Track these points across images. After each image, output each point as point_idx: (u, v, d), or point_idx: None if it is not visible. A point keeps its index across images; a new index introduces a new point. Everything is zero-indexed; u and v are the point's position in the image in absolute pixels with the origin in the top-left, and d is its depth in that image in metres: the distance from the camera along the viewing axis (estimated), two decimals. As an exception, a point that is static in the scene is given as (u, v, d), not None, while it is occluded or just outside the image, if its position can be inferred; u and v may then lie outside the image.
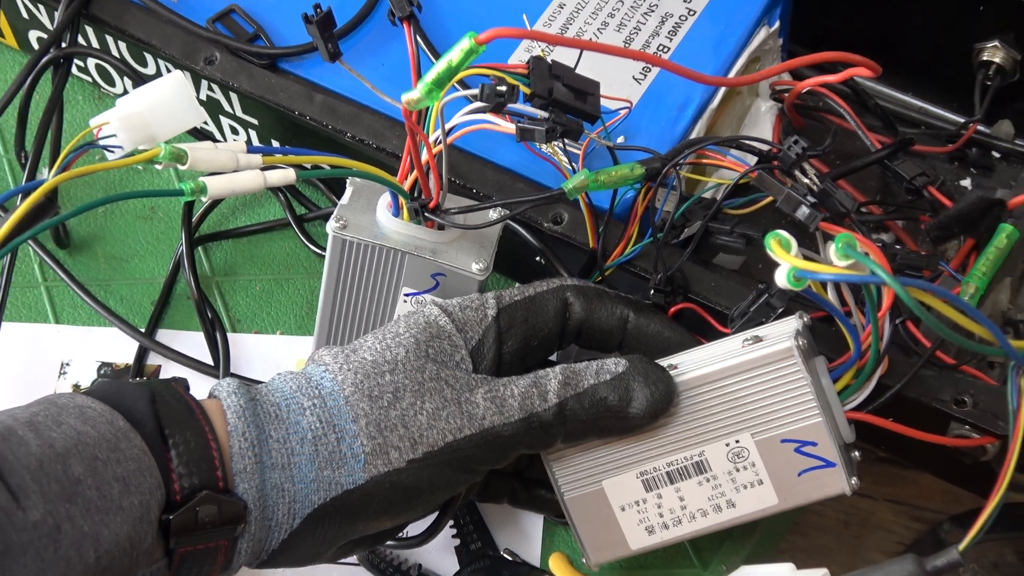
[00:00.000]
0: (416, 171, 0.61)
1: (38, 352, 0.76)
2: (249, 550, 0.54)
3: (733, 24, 0.73)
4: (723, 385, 0.58)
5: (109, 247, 0.80)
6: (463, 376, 0.56)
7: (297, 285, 0.78)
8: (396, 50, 0.73)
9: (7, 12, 0.81)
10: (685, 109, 0.70)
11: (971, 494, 0.70)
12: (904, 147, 0.68)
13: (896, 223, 0.70)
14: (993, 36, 0.75)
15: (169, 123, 0.60)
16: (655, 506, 0.61)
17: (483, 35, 0.55)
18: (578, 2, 0.74)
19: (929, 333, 0.59)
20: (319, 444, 0.54)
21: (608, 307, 0.60)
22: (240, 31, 0.75)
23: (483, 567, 0.68)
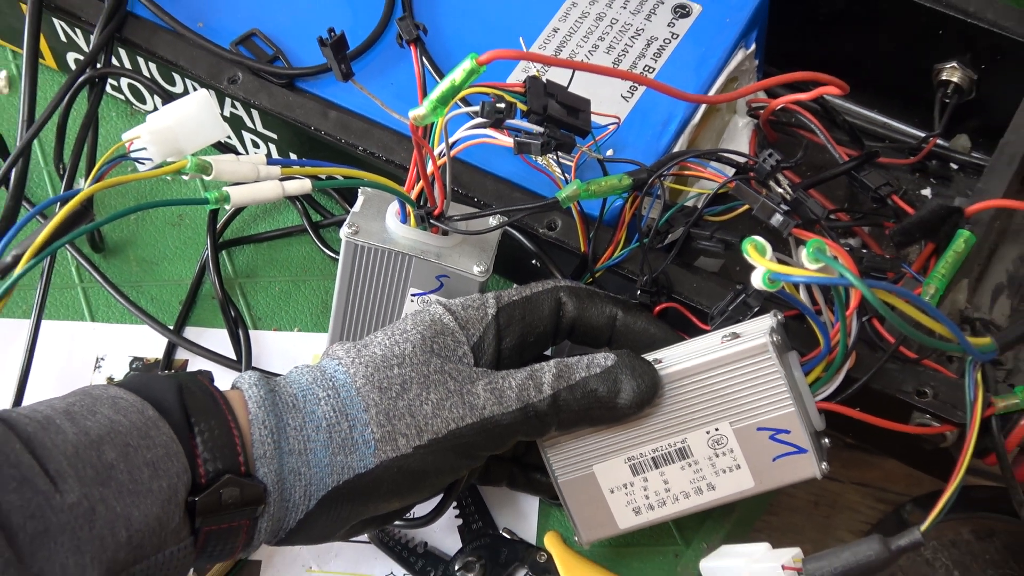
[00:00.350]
0: (422, 181, 0.60)
1: (75, 348, 0.76)
2: (268, 529, 0.54)
3: (712, 47, 0.73)
4: (704, 378, 0.57)
5: (140, 251, 0.79)
6: (465, 369, 0.56)
7: (313, 286, 0.78)
8: (404, 70, 0.73)
9: (47, 35, 0.80)
10: (669, 124, 0.70)
11: (931, 478, 0.70)
12: (870, 159, 0.68)
13: (862, 229, 0.70)
14: (951, 57, 0.75)
15: (195, 137, 0.60)
16: (641, 489, 0.61)
17: (483, 56, 0.55)
18: (571, 27, 0.74)
19: (893, 330, 0.59)
20: (333, 431, 0.54)
21: (598, 306, 0.60)
22: (260, 53, 0.74)
23: (484, 545, 0.68)
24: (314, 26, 0.69)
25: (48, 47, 0.82)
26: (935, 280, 0.60)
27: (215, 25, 0.76)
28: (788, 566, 0.56)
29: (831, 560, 0.56)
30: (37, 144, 0.82)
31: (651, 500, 0.61)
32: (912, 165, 0.76)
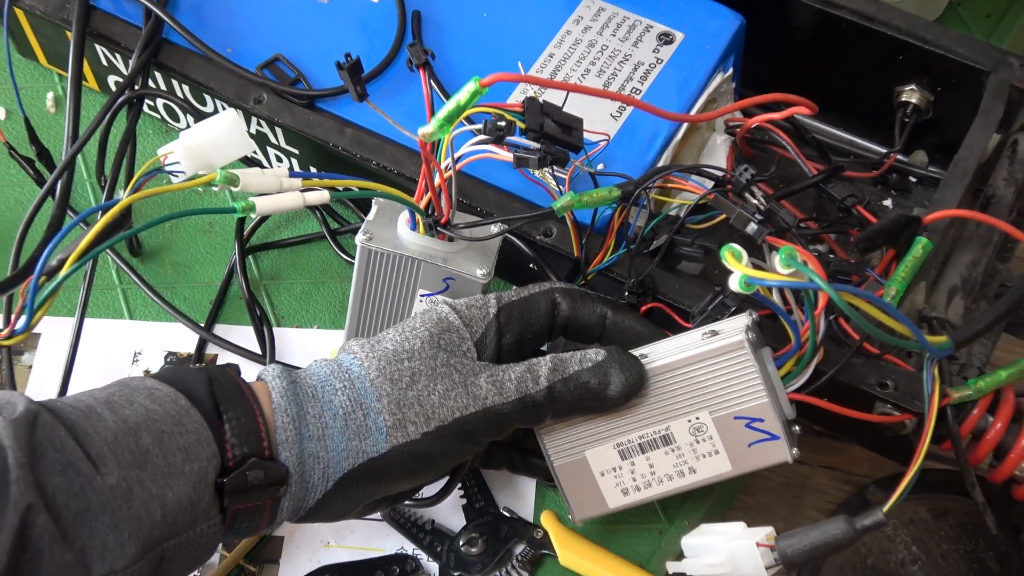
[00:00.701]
0: (430, 192, 0.60)
1: (115, 343, 0.76)
2: (290, 507, 0.54)
3: (693, 71, 0.73)
4: (686, 371, 0.57)
5: (174, 255, 0.79)
6: (469, 363, 0.56)
7: (331, 287, 0.78)
8: (413, 92, 0.72)
9: (90, 60, 0.80)
10: (654, 141, 0.70)
11: (892, 462, 0.70)
12: (836, 173, 0.68)
13: (830, 236, 0.70)
14: (910, 81, 0.75)
15: (224, 152, 0.61)
16: (629, 472, 0.60)
17: (486, 79, 0.55)
18: (565, 52, 0.74)
19: (858, 328, 0.59)
20: (349, 419, 0.54)
21: (590, 306, 0.60)
22: (284, 76, 0.74)
23: (485, 522, 0.68)
24: (332, 51, 0.70)
25: (91, 70, 0.82)
26: (896, 283, 0.60)
27: (242, 51, 0.76)
28: (762, 543, 0.56)
29: (801, 538, 0.56)
30: (81, 158, 0.82)
31: (638, 482, 0.61)
32: (875, 178, 0.76)
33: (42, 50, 0.85)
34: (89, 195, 0.82)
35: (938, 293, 0.66)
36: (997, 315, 0.60)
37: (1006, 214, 0.68)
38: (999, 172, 0.70)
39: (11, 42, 0.82)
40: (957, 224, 0.68)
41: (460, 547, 0.67)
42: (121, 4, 0.78)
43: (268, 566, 0.68)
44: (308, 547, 0.68)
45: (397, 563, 0.67)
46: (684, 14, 0.74)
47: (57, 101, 0.86)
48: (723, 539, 0.57)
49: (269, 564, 0.68)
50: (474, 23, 0.76)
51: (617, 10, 0.75)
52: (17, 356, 0.75)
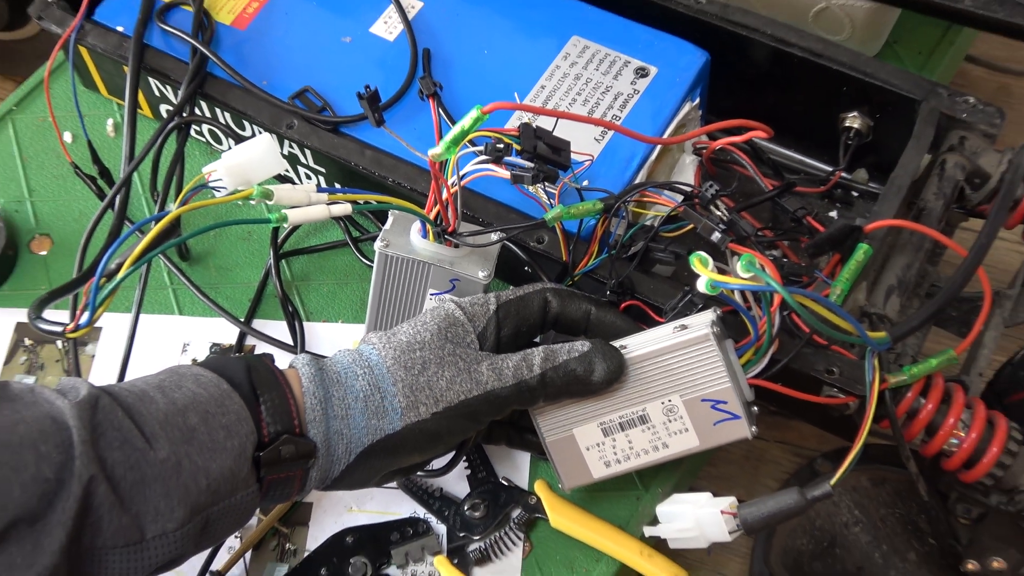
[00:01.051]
0: (439, 205, 0.60)
1: (166, 336, 0.76)
2: (317, 477, 0.54)
3: (665, 100, 0.72)
4: (659, 360, 0.57)
5: (218, 260, 0.79)
6: (472, 353, 0.56)
7: (353, 287, 0.77)
8: (424, 118, 0.72)
9: (144, 91, 0.80)
10: (631, 161, 0.70)
11: (837, 437, 0.70)
12: (788, 188, 0.68)
13: (783, 243, 0.69)
14: (853, 108, 0.74)
15: (260, 171, 0.61)
16: (611, 447, 0.60)
17: (487, 107, 0.55)
18: (555, 84, 0.73)
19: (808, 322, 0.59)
20: (368, 401, 0.54)
21: (576, 303, 0.59)
22: (312, 105, 0.74)
23: (487, 490, 0.67)
24: (354, 83, 0.69)
25: (145, 100, 0.82)
26: (841, 283, 0.60)
27: (276, 83, 0.75)
28: (726, 511, 0.56)
29: (759, 507, 0.55)
30: (136, 176, 0.82)
31: (618, 455, 0.61)
32: (822, 193, 0.75)
33: (103, 83, 0.85)
34: (144, 207, 0.81)
35: (877, 292, 0.65)
36: (929, 314, 0.60)
37: (935, 224, 0.68)
38: (929, 187, 0.70)
39: (76, 76, 0.81)
40: (893, 232, 0.68)
41: (465, 511, 0.67)
42: (171, 42, 0.78)
43: (299, 528, 0.68)
44: (333, 511, 0.68)
45: (411, 525, 0.66)
46: (657, 51, 0.74)
47: (116, 127, 0.85)
48: (692, 507, 0.57)
49: (300, 526, 0.68)
50: (476, 59, 0.75)
51: (599, 48, 0.75)
52: (82, 347, 0.75)
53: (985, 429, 0.62)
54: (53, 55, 0.82)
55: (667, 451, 0.60)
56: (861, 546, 0.76)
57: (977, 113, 0.70)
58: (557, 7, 0.77)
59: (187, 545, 0.49)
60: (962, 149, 0.71)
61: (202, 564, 0.65)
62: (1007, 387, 0.72)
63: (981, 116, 0.70)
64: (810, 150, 0.80)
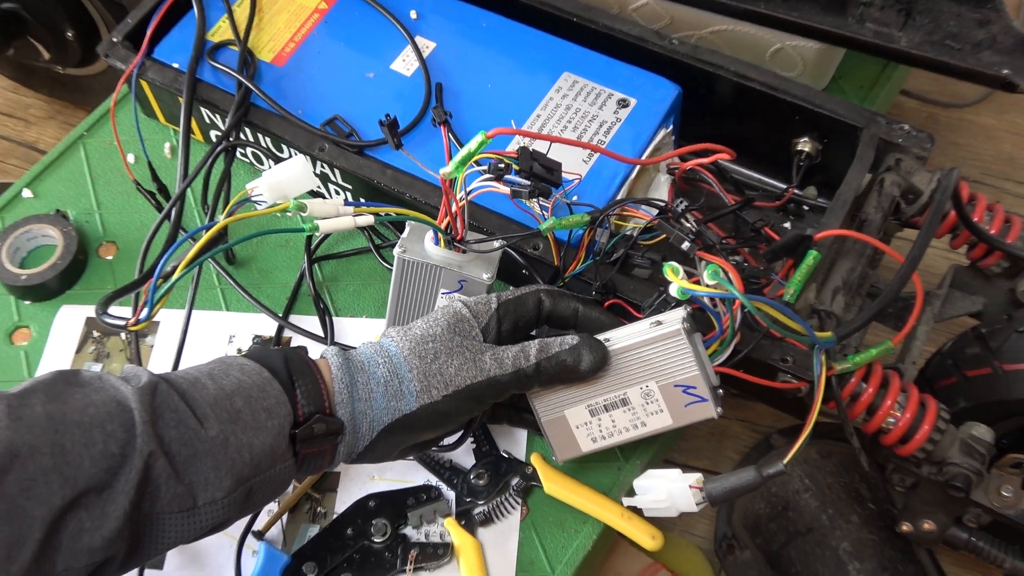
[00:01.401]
0: (449, 217, 0.60)
1: (215, 329, 0.75)
2: (344, 452, 0.54)
3: (643, 127, 0.72)
4: (638, 351, 0.57)
5: (260, 264, 0.78)
6: (477, 344, 0.55)
7: (375, 287, 0.77)
8: (437, 142, 0.72)
9: (196, 119, 0.80)
10: (614, 179, 0.69)
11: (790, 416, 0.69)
12: (748, 203, 0.68)
13: (744, 249, 0.69)
14: (804, 134, 0.74)
15: (296, 187, 0.61)
16: (597, 425, 0.60)
17: (490, 133, 0.55)
18: (549, 113, 0.73)
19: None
20: (388, 386, 0.53)
21: (566, 302, 0.59)
22: (340, 131, 0.74)
23: (490, 462, 0.67)
24: (376, 113, 0.69)
25: (197, 126, 0.81)
26: (793, 284, 0.60)
27: (310, 112, 0.75)
28: (693, 485, 0.56)
29: (722, 482, 0.55)
30: (189, 191, 0.81)
31: (603, 433, 0.60)
32: (777, 207, 0.75)
33: (161, 111, 0.84)
34: (196, 218, 0.81)
35: (825, 291, 0.65)
36: (870, 315, 0.60)
37: (875, 233, 0.68)
38: (870, 202, 0.69)
39: (138, 106, 0.81)
40: (839, 240, 0.68)
41: (471, 480, 0.66)
42: (219, 77, 0.77)
43: (328, 494, 0.67)
44: (358, 480, 0.68)
45: (424, 492, 0.66)
46: (636, 85, 0.74)
47: (172, 149, 0.85)
48: (664, 482, 0.57)
49: (329, 492, 0.67)
50: (481, 92, 0.75)
51: (587, 82, 0.74)
52: (142, 338, 0.74)
53: (918, 410, 0.62)
54: (118, 88, 0.81)
55: (645, 429, 0.59)
56: (811, 510, 0.76)
57: (911, 139, 0.70)
58: (551, 47, 0.77)
59: (233, 511, 0.49)
60: (898, 169, 0.70)
61: (245, 525, 0.64)
62: (936, 374, 0.72)
63: (914, 141, 0.70)
64: (767, 170, 0.79)
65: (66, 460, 0.44)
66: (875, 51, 0.76)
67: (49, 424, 0.44)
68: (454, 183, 0.58)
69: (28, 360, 0.74)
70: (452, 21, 0.79)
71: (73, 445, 0.44)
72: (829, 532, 0.74)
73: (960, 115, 1.12)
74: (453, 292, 0.64)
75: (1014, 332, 0.66)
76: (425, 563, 0.63)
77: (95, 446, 0.45)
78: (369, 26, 0.79)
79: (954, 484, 0.62)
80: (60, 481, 0.43)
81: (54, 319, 0.76)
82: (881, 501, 0.76)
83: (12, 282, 0.76)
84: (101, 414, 0.46)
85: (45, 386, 0.46)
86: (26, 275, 0.76)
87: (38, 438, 0.44)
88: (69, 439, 0.44)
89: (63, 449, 0.44)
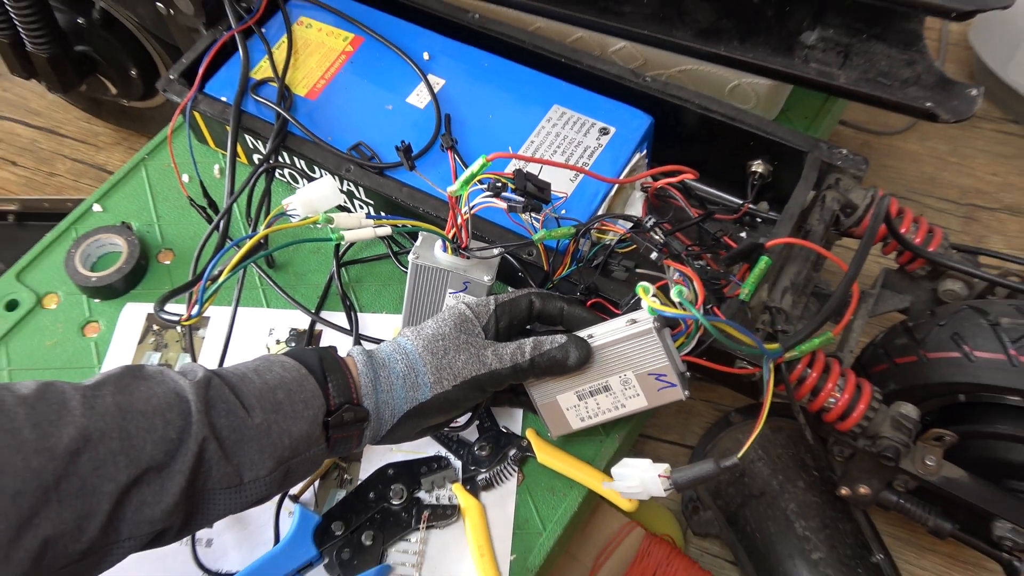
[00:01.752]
0: (455, 228, 0.60)
1: (257, 323, 0.75)
2: (369, 436, 0.54)
3: (621, 152, 0.72)
4: (617, 347, 0.57)
5: (295, 267, 0.78)
6: (480, 341, 0.55)
7: (393, 287, 0.77)
8: (445, 164, 0.72)
9: (242, 144, 0.80)
10: (596, 196, 0.69)
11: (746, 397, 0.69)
12: (710, 216, 0.68)
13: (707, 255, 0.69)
14: (758, 157, 0.74)
15: (326, 202, 0.60)
16: (584, 407, 0.60)
17: (490, 156, 0.55)
18: (540, 140, 0.73)
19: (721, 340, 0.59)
20: (406, 379, 0.53)
21: (553, 302, 0.59)
22: (363, 155, 0.74)
23: (491, 436, 0.67)
24: (394, 139, 0.69)
25: (242, 151, 0.81)
26: (748, 285, 0.59)
27: (337, 138, 0.75)
28: (662, 475, 0.55)
29: (686, 472, 0.55)
30: (236, 206, 0.81)
31: (589, 413, 0.60)
32: (735, 219, 0.75)
33: (211, 138, 0.84)
34: (240, 229, 0.81)
35: (776, 291, 0.65)
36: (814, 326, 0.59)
37: (818, 241, 0.68)
38: (814, 215, 0.69)
39: (191, 133, 0.81)
40: (788, 247, 0.68)
41: (475, 451, 0.66)
42: (261, 109, 0.77)
43: (353, 463, 0.67)
44: (379, 451, 0.67)
45: (435, 461, 0.66)
46: (615, 116, 0.74)
47: (220, 170, 0.85)
48: (637, 471, 0.57)
49: (354, 462, 0.67)
50: (483, 121, 0.75)
51: (573, 113, 0.74)
52: (195, 331, 0.74)
53: (855, 392, 0.62)
54: (174, 118, 0.81)
55: (624, 410, 0.59)
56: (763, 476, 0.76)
57: (848, 161, 0.70)
58: (542, 84, 0.77)
59: (273, 488, 0.49)
60: (837, 187, 0.70)
61: (283, 490, 0.64)
62: (870, 361, 0.72)
63: (851, 163, 0.70)
64: (726, 187, 0.79)
65: (131, 443, 0.44)
66: (818, 87, 0.76)
67: (118, 412, 0.44)
68: (459, 199, 0.58)
69: (97, 350, 0.74)
70: (459, 62, 0.79)
71: (137, 430, 0.44)
72: (779, 495, 0.74)
73: (890, 142, 1.12)
74: (459, 292, 0.64)
75: (936, 326, 0.66)
76: (436, 522, 0.63)
77: (156, 431, 0.45)
78: (388, 66, 0.79)
79: (885, 455, 0.62)
80: (126, 461, 0.43)
81: (120, 315, 0.75)
82: (823, 469, 0.76)
83: (84, 283, 0.75)
84: (162, 404, 0.46)
85: (115, 379, 0.47)
86: (96, 277, 0.76)
87: (108, 424, 0.44)
88: (134, 425, 0.44)
89: (128, 434, 0.44)
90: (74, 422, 0.43)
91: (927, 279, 0.72)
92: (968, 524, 0.66)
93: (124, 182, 0.84)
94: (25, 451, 0.41)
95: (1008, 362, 0.60)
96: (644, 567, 0.76)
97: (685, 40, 0.78)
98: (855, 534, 0.73)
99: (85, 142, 1.20)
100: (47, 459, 0.41)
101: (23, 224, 1.03)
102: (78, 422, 0.43)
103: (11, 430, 0.41)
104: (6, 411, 0.42)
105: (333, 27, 0.82)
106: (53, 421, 0.42)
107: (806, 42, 0.77)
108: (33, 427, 0.42)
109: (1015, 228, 1.02)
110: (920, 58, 0.74)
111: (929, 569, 0.81)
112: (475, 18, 0.81)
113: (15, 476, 0.40)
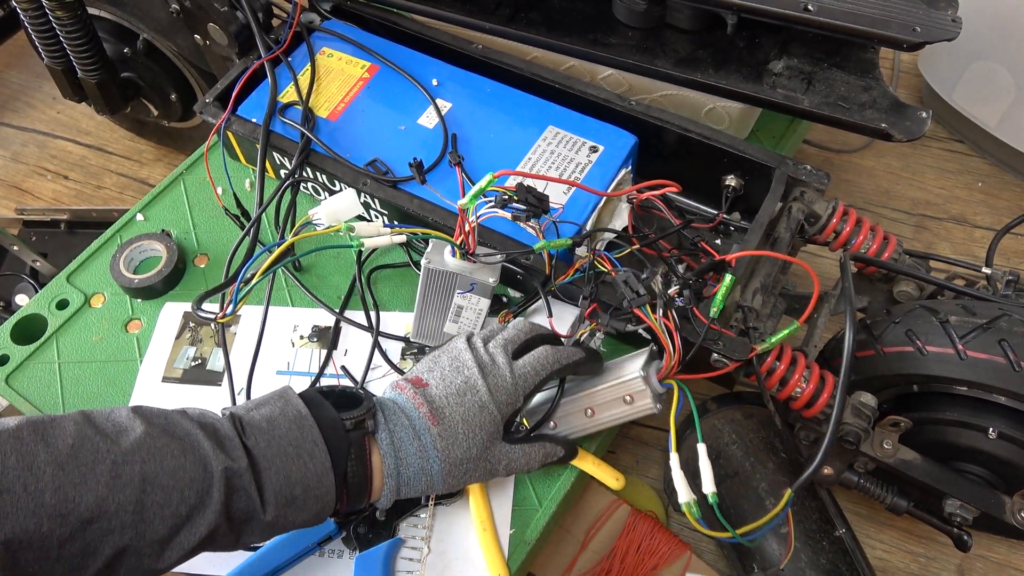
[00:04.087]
0: (463, 235, 0.60)
1: (284, 320, 0.75)
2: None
3: (609, 167, 0.72)
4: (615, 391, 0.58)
5: (320, 271, 0.78)
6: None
7: (407, 288, 0.76)
8: (452, 179, 0.71)
9: (270, 160, 0.79)
10: (587, 207, 0.69)
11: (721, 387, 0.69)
12: (688, 224, 0.68)
13: (687, 258, 0.69)
14: (731, 172, 0.74)
15: (346, 213, 0.60)
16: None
17: (495, 173, 0.56)
18: (538, 157, 0.73)
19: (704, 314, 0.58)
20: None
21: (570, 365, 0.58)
22: (379, 170, 0.73)
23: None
24: (406, 155, 0.69)
25: (270, 166, 0.81)
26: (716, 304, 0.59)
27: (356, 155, 0.75)
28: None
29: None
30: (265, 216, 0.81)
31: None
32: (711, 228, 0.75)
33: (243, 155, 0.84)
34: (270, 236, 0.80)
35: (747, 291, 0.65)
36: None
37: (784, 249, 0.68)
38: (781, 224, 0.69)
39: (225, 151, 0.81)
40: (758, 254, 0.68)
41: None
42: (287, 129, 0.77)
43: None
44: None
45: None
46: (604, 136, 0.74)
47: (251, 183, 0.84)
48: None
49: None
50: (486, 140, 0.75)
51: (567, 133, 0.74)
52: (228, 328, 0.74)
53: (819, 383, 0.62)
54: (210, 137, 0.81)
55: (616, 421, 0.60)
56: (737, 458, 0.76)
57: (812, 176, 0.70)
58: (539, 107, 0.76)
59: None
60: (802, 199, 0.70)
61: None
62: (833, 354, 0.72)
63: (815, 178, 0.70)
64: (702, 199, 0.79)
65: (143, 517, 0.42)
66: (784, 110, 0.76)
67: (141, 483, 0.43)
68: (468, 210, 0.58)
69: (139, 344, 0.73)
70: (464, 87, 0.79)
71: (152, 504, 0.43)
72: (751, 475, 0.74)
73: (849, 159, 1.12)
74: (466, 292, 0.63)
75: (891, 323, 0.66)
76: (442, 499, 0.63)
77: (170, 506, 0.43)
78: (401, 91, 0.79)
79: (847, 439, 0.62)
80: (132, 533, 0.42)
81: (159, 313, 0.75)
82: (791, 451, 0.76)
83: (127, 285, 0.75)
84: (185, 479, 0.44)
85: (151, 439, 0.44)
86: (138, 279, 0.75)
87: (127, 497, 0.42)
88: (151, 499, 0.43)
89: (143, 507, 0.42)
90: (96, 491, 0.41)
91: (883, 282, 0.72)
92: (922, 502, 0.66)
93: (164, 194, 0.84)
94: (40, 516, 0.39)
95: (956, 356, 0.60)
96: (630, 540, 0.76)
97: (666, 68, 0.78)
98: (820, 510, 0.73)
99: (129, 158, 1.19)
100: (58, 524, 0.40)
101: (73, 232, 1.03)
102: (100, 492, 0.41)
103: (35, 492, 0.39)
104: (35, 471, 0.40)
105: (352, 56, 0.82)
106: (77, 485, 0.41)
107: (773, 70, 0.77)
108: (55, 491, 0.40)
109: (960, 236, 1.03)
110: (875, 84, 0.74)
111: (887, 542, 0.81)
112: (479, 49, 0.81)
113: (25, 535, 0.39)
